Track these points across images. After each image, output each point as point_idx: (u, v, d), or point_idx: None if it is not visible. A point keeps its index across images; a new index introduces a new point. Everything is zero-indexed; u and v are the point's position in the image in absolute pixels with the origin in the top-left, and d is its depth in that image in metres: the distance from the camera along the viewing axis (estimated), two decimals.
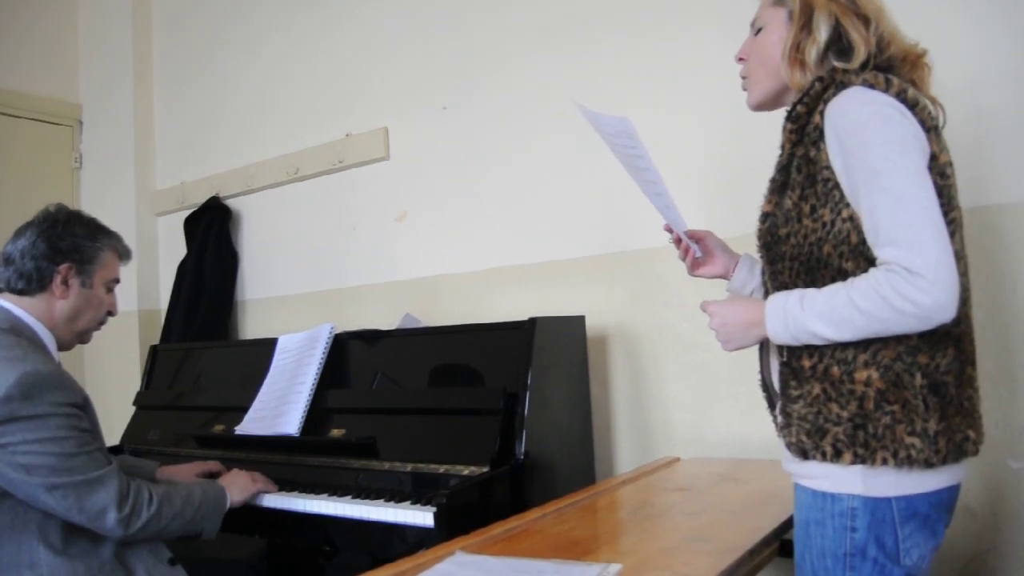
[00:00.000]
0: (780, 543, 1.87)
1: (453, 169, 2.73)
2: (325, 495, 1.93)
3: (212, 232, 3.35)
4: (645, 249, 2.26)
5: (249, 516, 2.00)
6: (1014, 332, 1.76)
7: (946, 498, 1.20)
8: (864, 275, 1.11)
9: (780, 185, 1.25)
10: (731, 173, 2.15)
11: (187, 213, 3.46)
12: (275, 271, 3.28)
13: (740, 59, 1.37)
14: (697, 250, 1.49)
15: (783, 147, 1.26)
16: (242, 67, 3.44)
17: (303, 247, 3.18)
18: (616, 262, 2.36)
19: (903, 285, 1.06)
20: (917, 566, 1.19)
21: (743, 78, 1.38)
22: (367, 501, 1.84)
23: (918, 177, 1.10)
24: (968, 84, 1.78)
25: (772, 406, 1.41)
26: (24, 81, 3.67)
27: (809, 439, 1.18)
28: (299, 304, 3.15)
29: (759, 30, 1.34)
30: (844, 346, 1.15)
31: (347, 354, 2.31)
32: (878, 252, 1.10)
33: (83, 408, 1.61)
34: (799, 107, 1.23)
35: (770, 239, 1.24)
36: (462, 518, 1.65)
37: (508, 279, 2.57)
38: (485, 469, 1.81)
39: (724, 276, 1.52)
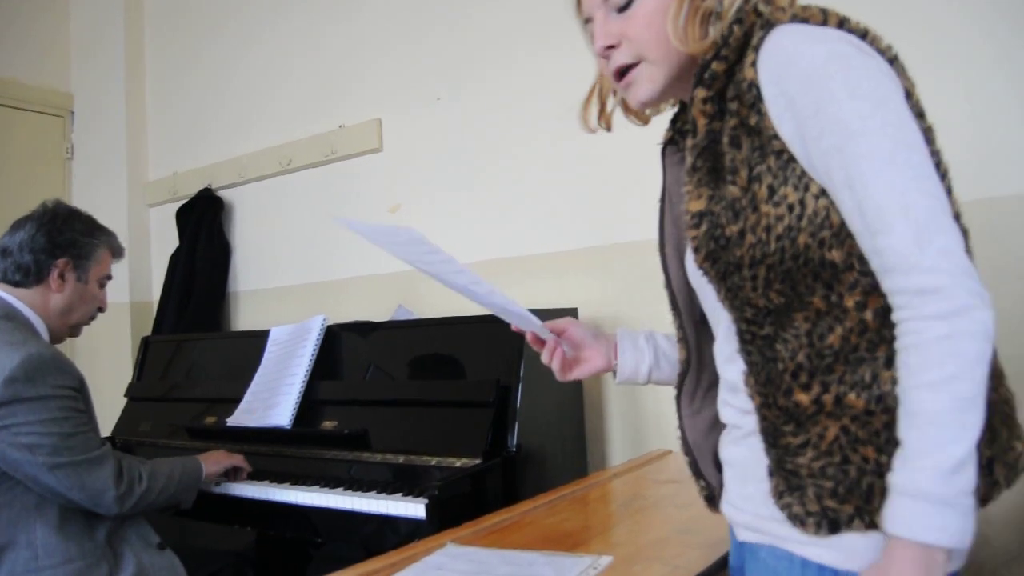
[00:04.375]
0: None
1: (447, 161, 2.72)
2: (317, 487, 1.92)
3: (204, 223, 3.33)
4: (639, 241, 2.25)
5: (240, 507, 2.00)
6: (1006, 327, 1.76)
7: None
8: (901, 350, 0.80)
9: (708, 172, 0.90)
10: None
11: (179, 204, 3.44)
12: (267, 262, 3.26)
13: (608, 47, 0.98)
14: (566, 348, 1.17)
15: (693, 124, 0.92)
16: (235, 58, 3.42)
17: (296, 238, 3.17)
18: (610, 254, 2.35)
19: (945, 327, 0.78)
20: None
21: (619, 74, 0.99)
22: (359, 493, 1.84)
23: (905, 131, 0.82)
24: (966, 76, 1.78)
25: (699, 475, 1.07)
26: (15, 71, 3.63)
27: (845, 504, 0.83)
28: (292, 295, 3.14)
29: (626, 4, 0.96)
30: (856, 364, 0.84)
31: (339, 346, 2.31)
32: (869, 244, 0.81)
33: (79, 391, 1.66)
34: (715, 65, 0.89)
35: (715, 245, 0.89)
36: (454, 510, 1.65)
37: (502, 271, 2.56)
38: (477, 461, 1.80)
39: (608, 368, 1.19)
